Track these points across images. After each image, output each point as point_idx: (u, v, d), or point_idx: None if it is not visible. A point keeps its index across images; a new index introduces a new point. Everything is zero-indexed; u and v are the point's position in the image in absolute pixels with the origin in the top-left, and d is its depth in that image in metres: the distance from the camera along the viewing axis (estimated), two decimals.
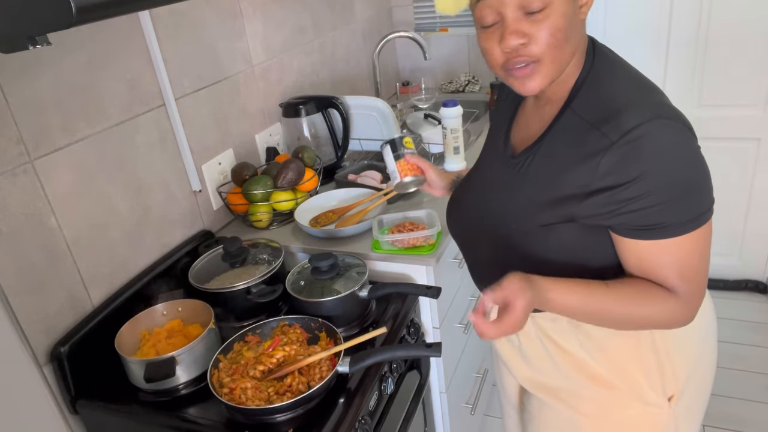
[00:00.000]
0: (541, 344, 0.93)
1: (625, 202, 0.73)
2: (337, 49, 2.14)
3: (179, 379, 1.05)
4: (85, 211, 1.15)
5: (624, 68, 0.83)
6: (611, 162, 0.73)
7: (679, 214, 0.74)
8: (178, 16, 1.36)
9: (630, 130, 0.71)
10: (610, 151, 0.72)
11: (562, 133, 0.81)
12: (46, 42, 0.70)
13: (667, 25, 2.16)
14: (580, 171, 0.76)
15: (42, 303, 1.07)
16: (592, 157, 0.74)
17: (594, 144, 0.74)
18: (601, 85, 0.80)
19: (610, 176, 0.73)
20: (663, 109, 0.74)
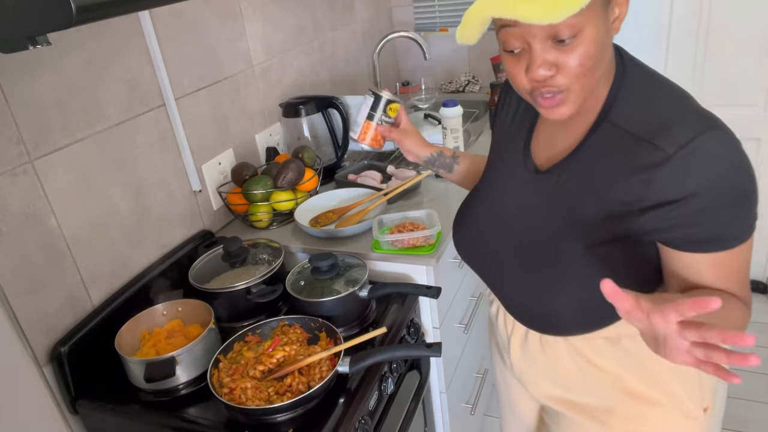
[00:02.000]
0: (574, 363, 0.90)
1: (687, 215, 0.70)
2: (337, 49, 2.14)
3: (179, 379, 1.05)
4: (85, 211, 1.15)
5: (657, 76, 0.79)
6: (669, 175, 0.69)
7: (739, 224, 0.72)
8: (178, 16, 1.36)
9: (687, 142, 0.68)
10: (667, 165, 0.69)
11: (602, 147, 0.77)
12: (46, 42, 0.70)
13: (667, 25, 2.16)
14: (631, 185, 0.72)
15: (42, 303, 1.07)
16: (644, 171, 0.71)
17: (646, 157, 0.71)
18: (639, 95, 0.77)
19: (669, 190, 0.70)
20: (712, 119, 0.71)
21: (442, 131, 1.63)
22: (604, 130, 0.77)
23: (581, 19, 0.68)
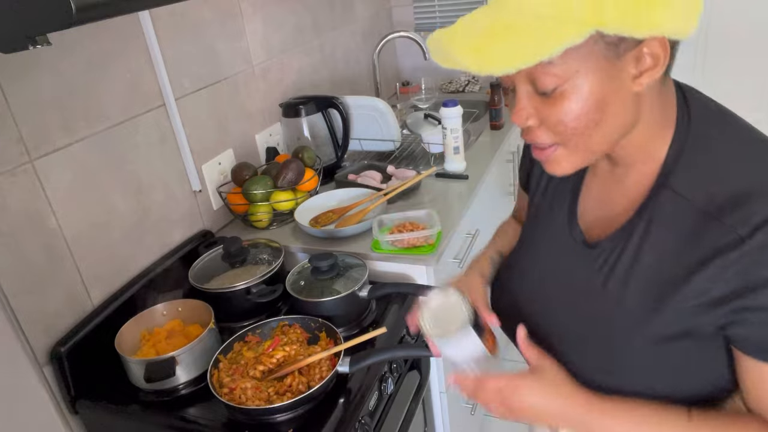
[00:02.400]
0: None
1: (755, 311, 0.58)
2: (337, 49, 2.14)
3: (179, 379, 1.05)
4: (85, 211, 1.15)
5: (736, 127, 0.66)
6: (741, 262, 0.57)
7: None
8: (178, 16, 1.36)
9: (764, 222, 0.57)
10: (739, 249, 0.57)
11: (663, 221, 0.64)
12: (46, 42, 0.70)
13: None
14: (700, 274, 0.60)
15: (42, 303, 1.07)
16: (715, 257, 0.58)
17: (715, 239, 0.59)
18: (710, 155, 0.63)
19: (739, 279, 0.58)
20: None
21: (442, 131, 1.63)
22: (666, 198, 0.64)
23: (567, 70, 0.57)
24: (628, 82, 0.59)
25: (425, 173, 1.51)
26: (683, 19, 0.56)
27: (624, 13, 0.53)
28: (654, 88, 0.62)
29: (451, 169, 1.66)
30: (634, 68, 0.58)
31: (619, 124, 0.62)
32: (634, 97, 0.61)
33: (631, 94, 0.60)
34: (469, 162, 1.69)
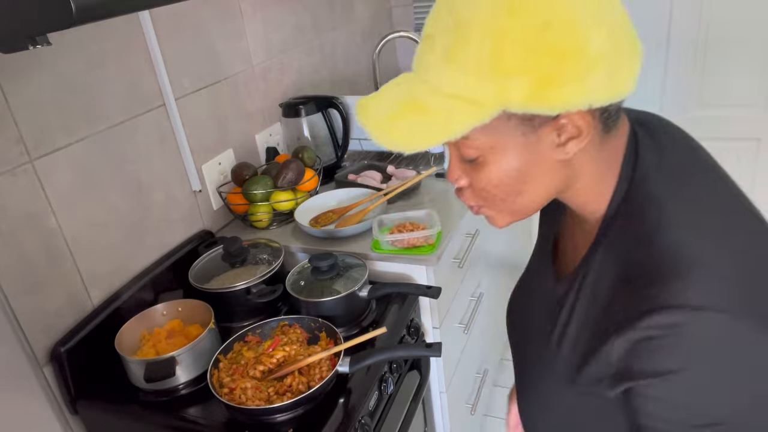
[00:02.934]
0: None
1: (644, 398, 0.56)
2: (337, 49, 2.14)
3: (179, 379, 1.05)
4: (85, 211, 1.15)
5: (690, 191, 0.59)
6: (633, 345, 0.54)
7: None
8: (178, 16, 1.36)
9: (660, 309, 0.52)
10: (631, 331, 0.53)
11: (592, 278, 0.61)
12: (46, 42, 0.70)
13: (667, 25, 2.16)
14: (604, 346, 0.57)
15: (42, 303, 1.07)
16: (616, 332, 0.55)
17: (619, 313, 0.55)
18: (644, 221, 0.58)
19: (630, 361, 0.55)
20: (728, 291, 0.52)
21: None
22: (598, 257, 0.61)
23: (482, 144, 0.57)
24: (552, 151, 0.57)
25: (425, 173, 1.51)
26: (606, 89, 0.53)
27: (530, 94, 0.52)
28: (593, 145, 0.58)
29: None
30: (556, 138, 0.56)
31: (546, 189, 0.61)
32: (563, 162, 0.58)
33: (556, 161, 0.58)
34: None
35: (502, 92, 0.52)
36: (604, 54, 0.52)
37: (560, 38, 0.51)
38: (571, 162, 0.59)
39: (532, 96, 0.52)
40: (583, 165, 0.60)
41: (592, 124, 0.56)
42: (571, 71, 0.51)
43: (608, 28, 0.52)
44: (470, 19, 0.52)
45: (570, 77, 0.51)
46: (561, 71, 0.51)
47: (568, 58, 0.51)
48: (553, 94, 0.52)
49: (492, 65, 0.52)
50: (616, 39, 0.53)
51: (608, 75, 0.52)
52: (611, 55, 0.52)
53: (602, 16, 0.52)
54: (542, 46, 0.51)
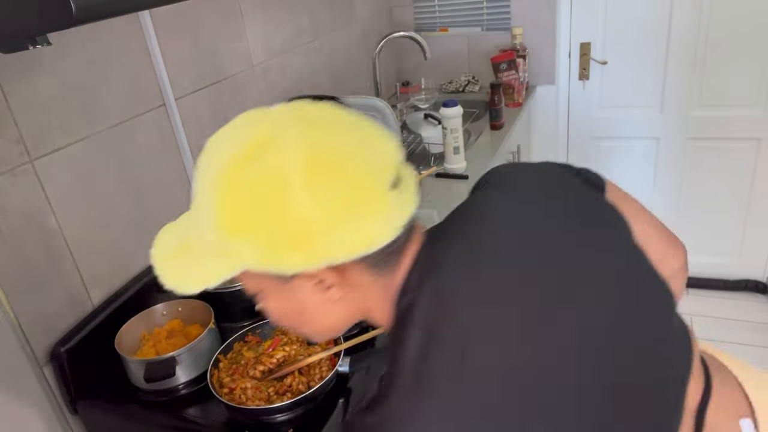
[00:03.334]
0: None
1: None
2: (337, 49, 2.14)
3: (179, 379, 1.05)
4: (85, 211, 1.15)
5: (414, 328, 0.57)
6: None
7: None
8: (178, 16, 1.36)
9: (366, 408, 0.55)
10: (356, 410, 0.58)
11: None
12: (46, 42, 0.70)
13: (667, 25, 2.16)
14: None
15: (42, 303, 1.07)
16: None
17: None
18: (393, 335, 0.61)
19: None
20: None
21: (442, 131, 1.63)
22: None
23: (251, 286, 0.62)
24: (316, 295, 0.59)
25: (425, 173, 1.51)
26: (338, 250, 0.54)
27: (260, 260, 0.54)
28: (366, 285, 0.60)
29: (451, 169, 1.66)
30: (314, 286, 0.59)
31: (335, 319, 0.63)
32: (336, 304, 0.61)
33: (326, 302, 0.60)
34: (469, 162, 1.69)
35: (236, 254, 0.55)
36: (314, 223, 0.53)
37: (264, 209, 0.53)
38: (351, 299, 0.61)
39: (263, 261, 0.55)
40: (370, 297, 0.62)
41: (354, 270, 0.58)
42: (283, 241, 0.53)
43: (323, 198, 0.53)
44: (202, 180, 0.58)
45: (289, 246, 0.53)
46: (278, 242, 0.54)
47: (277, 229, 0.53)
48: (279, 260, 0.54)
49: (219, 230, 0.55)
50: (335, 207, 0.53)
51: (330, 240, 0.54)
52: (330, 222, 0.53)
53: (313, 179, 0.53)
54: (249, 220, 0.54)
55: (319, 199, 0.53)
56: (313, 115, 0.58)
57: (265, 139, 0.55)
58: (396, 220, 0.57)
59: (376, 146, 0.58)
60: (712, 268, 2.49)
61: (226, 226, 0.55)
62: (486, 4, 2.36)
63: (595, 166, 0.79)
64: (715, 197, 2.37)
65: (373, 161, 0.57)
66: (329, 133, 0.56)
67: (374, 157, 0.57)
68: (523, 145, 2.35)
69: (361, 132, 0.58)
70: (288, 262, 0.55)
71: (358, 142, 0.57)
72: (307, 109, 0.59)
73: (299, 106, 0.59)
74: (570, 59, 2.36)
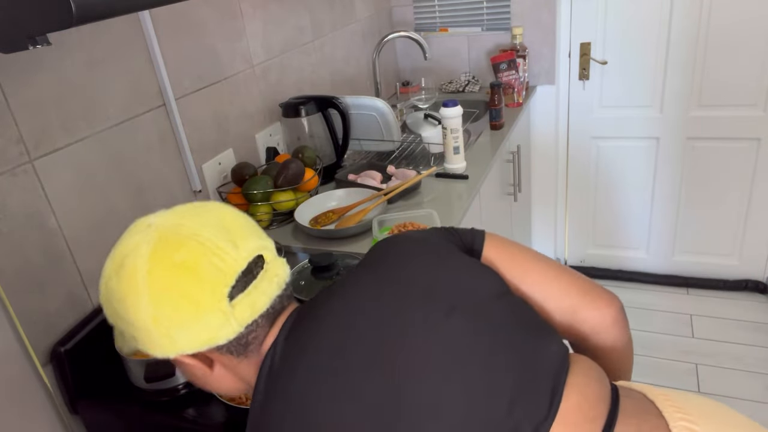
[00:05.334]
0: None
1: None
2: (337, 49, 2.14)
3: (179, 379, 1.05)
4: (85, 211, 1.15)
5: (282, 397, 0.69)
6: None
7: None
8: (178, 16, 1.36)
9: None
10: None
11: None
12: (46, 42, 0.70)
13: (667, 25, 2.17)
14: None
15: (42, 303, 1.07)
16: None
17: None
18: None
19: None
20: None
21: (442, 131, 1.63)
22: None
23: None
24: (199, 370, 0.73)
25: (425, 173, 1.51)
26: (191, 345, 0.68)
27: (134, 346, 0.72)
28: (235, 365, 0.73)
29: (451, 169, 1.66)
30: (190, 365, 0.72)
31: (226, 388, 0.77)
32: (216, 375, 0.74)
33: (209, 375, 0.74)
34: (469, 162, 1.69)
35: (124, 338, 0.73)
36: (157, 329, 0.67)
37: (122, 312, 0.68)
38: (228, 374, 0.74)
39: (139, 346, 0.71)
40: (243, 375, 0.74)
41: (217, 355, 0.71)
42: (144, 337, 0.68)
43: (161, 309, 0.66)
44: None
45: (147, 343, 0.69)
46: (137, 339, 0.69)
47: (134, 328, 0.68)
48: (143, 348, 0.70)
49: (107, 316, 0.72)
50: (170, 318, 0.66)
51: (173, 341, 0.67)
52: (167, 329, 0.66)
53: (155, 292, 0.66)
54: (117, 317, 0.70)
55: (160, 308, 0.66)
56: (169, 227, 0.69)
57: (121, 258, 0.69)
58: (234, 324, 0.68)
59: (215, 260, 0.67)
60: (712, 268, 2.49)
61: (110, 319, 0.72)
62: (486, 4, 2.36)
63: (596, 166, 0.80)
64: (715, 197, 2.37)
65: (211, 275, 0.66)
66: (176, 248, 0.67)
67: (212, 272, 0.67)
68: (523, 145, 2.35)
69: (210, 243, 0.68)
70: (151, 351, 0.70)
71: (203, 254, 0.67)
72: (169, 220, 0.70)
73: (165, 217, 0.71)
74: (570, 59, 2.36)
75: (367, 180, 1.62)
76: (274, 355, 0.71)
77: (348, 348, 0.68)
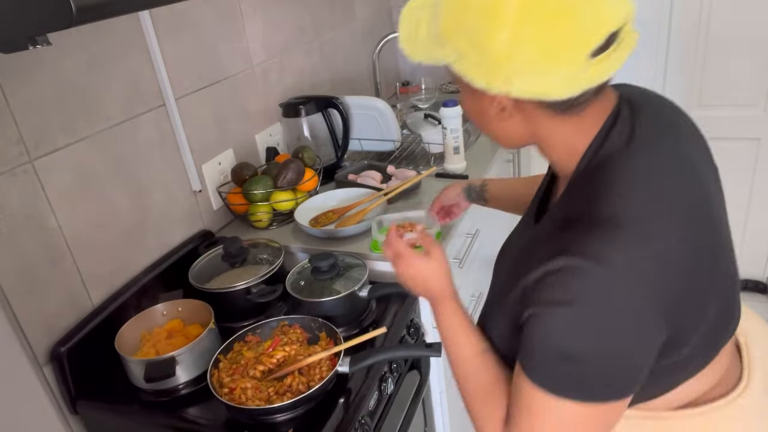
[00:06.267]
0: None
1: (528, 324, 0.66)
2: (337, 49, 2.14)
3: (179, 379, 1.05)
4: (85, 211, 1.15)
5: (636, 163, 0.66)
6: (535, 276, 0.64)
7: (554, 372, 0.64)
8: (178, 16, 1.36)
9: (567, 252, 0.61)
10: (541, 266, 0.63)
11: (546, 225, 0.72)
12: (46, 42, 0.70)
13: (667, 25, 2.17)
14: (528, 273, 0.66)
15: (42, 303, 1.07)
16: (536, 263, 0.64)
17: (545, 249, 0.64)
18: (593, 180, 0.67)
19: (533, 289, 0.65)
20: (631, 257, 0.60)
21: (442, 131, 1.63)
22: (558, 207, 0.72)
23: (454, 78, 0.70)
24: (493, 109, 0.69)
25: (425, 173, 1.51)
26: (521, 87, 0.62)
27: (454, 63, 0.66)
28: (545, 120, 0.68)
29: (451, 169, 1.66)
30: (491, 103, 0.68)
31: (507, 135, 0.73)
32: (509, 121, 0.70)
33: (500, 119, 0.70)
34: (469, 162, 1.69)
35: (445, 50, 0.66)
36: (507, 56, 0.60)
37: (474, 27, 0.61)
38: (523, 125, 0.70)
39: (456, 66, 0.66)
40: (542, 131, 0.70)
41: (530, 106, 0.66)
42: (475, 59, 0.63)
43: (522, 42, 0.59)
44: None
45: (475, 64, 0.63)
46: (469, 56, 0.63)
47: (476, 48, 0.62)
48: (467, 72, 0.65)
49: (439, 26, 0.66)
50: (529, 54, 0.60)
51: (513, 75, 0.61)
52: (518, 59, 0.60)
53: (524, 22, 0.59)
54: (461, 30, 0.63)
55: (519, 42, 0.59)
56: None
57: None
58: (580, 83, 0.62)
59: (597, 10, 0.60)
60: None
61: (443, 26, 0.65)
62: None
63: None
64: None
65: (584, 25, 0.60)
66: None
67: (586, 22, 0.60)
68: None
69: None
70: (474, 78, 0.64)
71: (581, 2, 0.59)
72: None
73: None
74: None
75: (367, 180, 1.62)
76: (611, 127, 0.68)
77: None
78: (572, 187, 0.70)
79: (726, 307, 0.73)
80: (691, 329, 0.66)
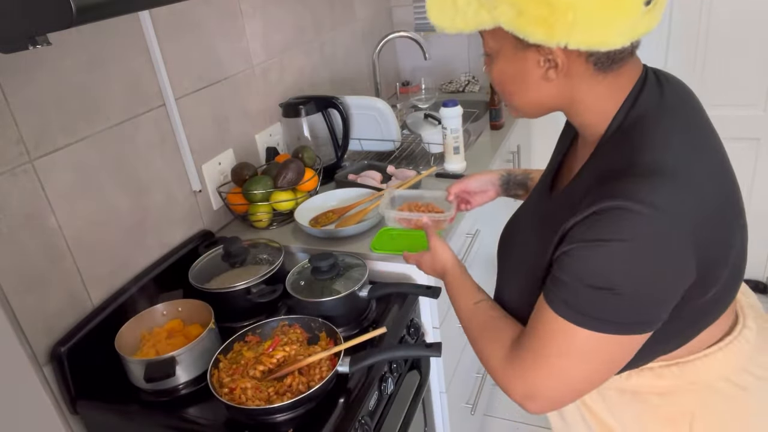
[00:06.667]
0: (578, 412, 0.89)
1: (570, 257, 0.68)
2: (337, 49, 2.14)
3: (179, 379, 1.05)
4: (85, 211, 1.15)
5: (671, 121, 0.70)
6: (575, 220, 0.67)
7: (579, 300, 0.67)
8: (178, 16, 1.36)
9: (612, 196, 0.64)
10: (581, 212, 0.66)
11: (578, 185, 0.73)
12: (46, 42, 0.70)
13: (667, 25, 2.16)
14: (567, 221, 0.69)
15: (42, 303, 1.07)
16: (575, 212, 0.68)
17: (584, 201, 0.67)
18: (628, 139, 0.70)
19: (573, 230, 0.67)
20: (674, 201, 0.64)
21: (442, 131, 1.63)
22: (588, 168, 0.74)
23: (490, 44, 0.72)
24: (537, 70, 0.70)
25: (425, 173, 1.51)
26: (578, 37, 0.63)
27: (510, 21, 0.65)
28: (585, 78, 0.70)
29: (451, 169, 1.66)
30: (540, 62, 0.69)
31: (540, 99, 0.73)
32: (551, 82, 0.70)
33: (542, 79, 0.71)
34: (469, 162, 1.69)
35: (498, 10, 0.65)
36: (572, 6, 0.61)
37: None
38: (563, 85, 0.71)
39: (512, 23, 0.65)
40: (580, 91, 0.71)
41: (578, 62, 0.68)
42: (538, 12, 0.62)
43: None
44: None
45: (537, 17, 0.63)
46: (530, 10, 0.63)
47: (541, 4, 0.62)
48: (528, 28, 0.64)
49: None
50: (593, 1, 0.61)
51: (577, 25, 0.62)
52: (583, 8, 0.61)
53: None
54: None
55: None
56: None
57: None
58: (635, 32, 0.65)
59: None
60: None
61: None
62: None
63: None
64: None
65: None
66: None
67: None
68: (523, 145, 2.34)
69: None
70: (533, 32, 0.64)
71: None
72: None
73: None
74: None
75: (367, 180, 1.62)
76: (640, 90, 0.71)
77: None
78: (604, 147, 0.72)
79: (742, 254, 0.81)
80: (717, 272, 0.71)
